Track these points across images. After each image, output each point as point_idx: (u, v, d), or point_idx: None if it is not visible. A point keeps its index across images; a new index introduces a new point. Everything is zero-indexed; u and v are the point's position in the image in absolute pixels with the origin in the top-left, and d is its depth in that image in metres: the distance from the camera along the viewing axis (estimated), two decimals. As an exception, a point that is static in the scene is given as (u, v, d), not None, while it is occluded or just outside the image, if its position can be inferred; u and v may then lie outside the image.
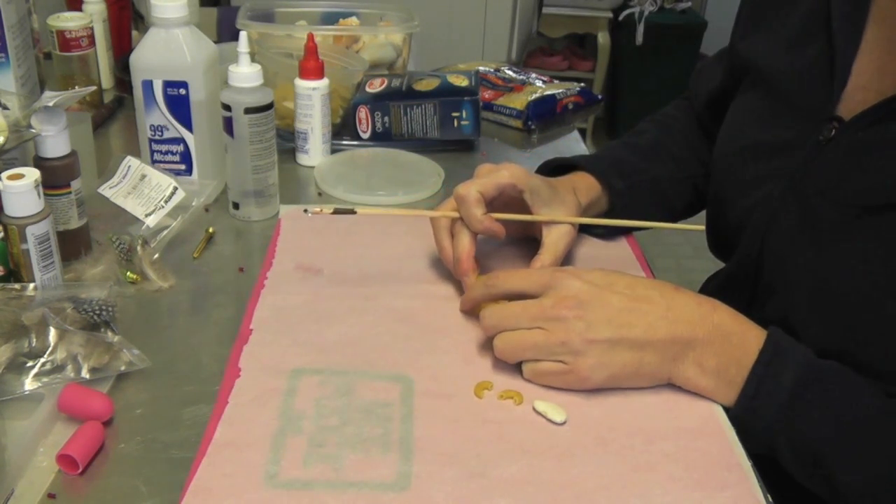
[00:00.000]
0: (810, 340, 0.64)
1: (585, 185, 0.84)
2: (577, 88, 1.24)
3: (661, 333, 0.62)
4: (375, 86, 1.09)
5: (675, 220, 0.92)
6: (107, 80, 1.25)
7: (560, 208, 0.77)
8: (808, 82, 0.71)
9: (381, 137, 1.08)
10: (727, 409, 0.63)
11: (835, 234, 0.66)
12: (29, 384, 0.60)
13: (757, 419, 0.60)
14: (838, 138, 0.67)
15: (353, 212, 0.73)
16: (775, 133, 0.74)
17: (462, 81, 1.09)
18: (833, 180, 0.66)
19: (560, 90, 1.22)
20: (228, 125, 0.85)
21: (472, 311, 0.72)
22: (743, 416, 0.61)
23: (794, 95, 0.73)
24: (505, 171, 0.74)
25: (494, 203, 0.75)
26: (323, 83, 0.99)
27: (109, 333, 0.64)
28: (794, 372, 0.60)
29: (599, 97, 1.30)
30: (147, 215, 0.80)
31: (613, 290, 0.63)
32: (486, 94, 1.21)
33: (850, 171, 0.66)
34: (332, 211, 0.72)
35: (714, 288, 0.84)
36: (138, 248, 0.77)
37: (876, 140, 0.64)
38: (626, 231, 0.89)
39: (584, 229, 0.89)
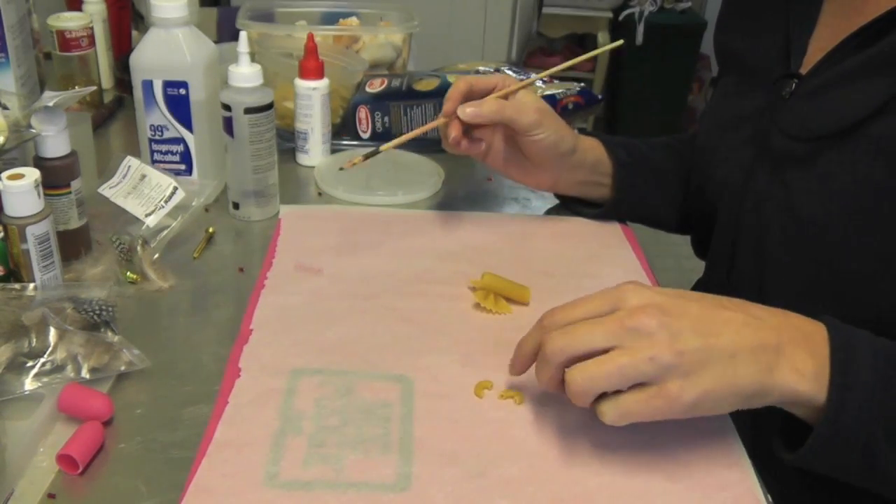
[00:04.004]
0: (792, 291, 0.67)
1: (591, 145, 0.88)
2: (577, 88, 1.24)
3: (749, 340, 0.55)
4: (375, 86, 1.09)
5: (679, 214, 0.93)
6: (107, 80, 1.25)
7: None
8: (773, 53, 0.76)
9: (381, 137, 1.08)
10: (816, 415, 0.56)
11: (798, 170, 0.69)
12: (29, 384, 0.60)
13: (850, 413, 0.54)
14: (798, 91, 0.71)
15: (377, 151, 0.83)
16: (745, 104, 0.78)
17: (462, 81, 1.09)
18: (795, 124, 0.70)
19: (560, 90, 1.21)
20: (228, 125, 0.85)
21: (527, 364, 0.61)
22: (835, 415, 0.54)
23: (760, 67, 0.77)
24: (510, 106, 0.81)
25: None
26: (323, 83, 0.99)
27: (109, 333, 0.64)
28: (870, 355, 0.56)
29: (599, 97, 1.29)
30: (147, 215, 0.80)
31: (688, 298, 0.57)
32: (486, 94, 1.21)
33: (809, 113, 0.70)
34: (363, 158, 0.82)
35: (701, 279, 0.87)
36: (138, 248, 0.77)
37: (829, 81, 0.68)
38: (620, 218, 0.91)
39: (577, 211, 0.91)
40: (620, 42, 0.89)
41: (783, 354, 0.55)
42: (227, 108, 0.84)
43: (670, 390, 0.53)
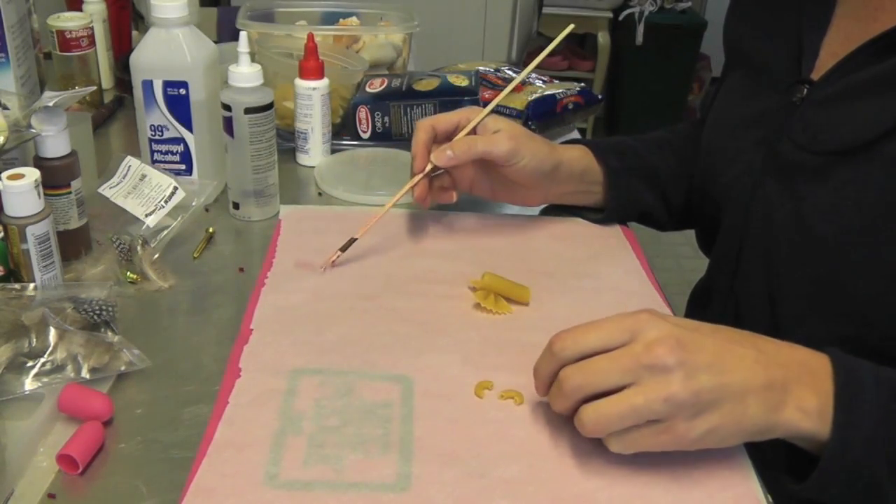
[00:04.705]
0: (800, 302, 0.66)
1: (577, 155, 0.87)
2: (577, 88, 1.24)
3: (760, 379, 0.54)
4: (375, 86, 1.09)
5: (672, 215, 0.93)
6: (107, 80, 1.25)
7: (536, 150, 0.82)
8: (784, 54, 0.75)
9: (381, 137, 1.08)
10: (819, 447, 0.56)
11: (810, 184, 0.68)
12: (29, 384, 0.60)
13: (854, 449, 0.55)
14: (809, 98, 0.70)
15: (354, 240, 0.80)
16: (754, 105, 0.77)
17: (462, 81, 1.09)
18: (807, 135, 0.70)
19: (560, 90, 1.21)
20: (228, 125, 0.85)
21: (548, 389, 0.59)
22: (839, 452, 0.54)
23: (770, 68, 0.76)
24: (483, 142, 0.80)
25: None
26: (323, 83, 0.99)
27: (109, 333, 0.64)
28: (873, 390, 0.56)
29: (599, 97, 1.29)
30: (147, 215, 0.80)
31: (703, 332, 0.56)
32: (486, 94, 1.21)
33: (821, 124, 0.69)
34: (341, 251, 0.79)
35: (703, 280, 0.87)
36: (138, 248, 0.77)
37: (842, 92, 0.68)
38: (620, 220, 0.91)
39: (578, 213, 0.91)
40: (571, 27, 0.87)
41: (790, 393, 0.55)
42: (227, 108, 0.84)
43: (678, 428, 0.53)
